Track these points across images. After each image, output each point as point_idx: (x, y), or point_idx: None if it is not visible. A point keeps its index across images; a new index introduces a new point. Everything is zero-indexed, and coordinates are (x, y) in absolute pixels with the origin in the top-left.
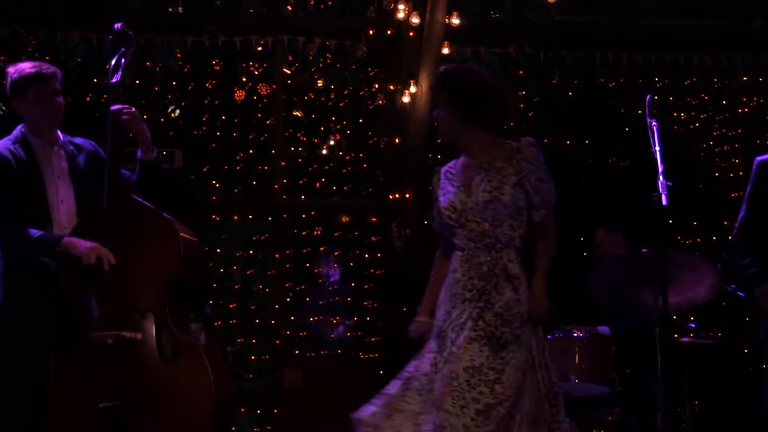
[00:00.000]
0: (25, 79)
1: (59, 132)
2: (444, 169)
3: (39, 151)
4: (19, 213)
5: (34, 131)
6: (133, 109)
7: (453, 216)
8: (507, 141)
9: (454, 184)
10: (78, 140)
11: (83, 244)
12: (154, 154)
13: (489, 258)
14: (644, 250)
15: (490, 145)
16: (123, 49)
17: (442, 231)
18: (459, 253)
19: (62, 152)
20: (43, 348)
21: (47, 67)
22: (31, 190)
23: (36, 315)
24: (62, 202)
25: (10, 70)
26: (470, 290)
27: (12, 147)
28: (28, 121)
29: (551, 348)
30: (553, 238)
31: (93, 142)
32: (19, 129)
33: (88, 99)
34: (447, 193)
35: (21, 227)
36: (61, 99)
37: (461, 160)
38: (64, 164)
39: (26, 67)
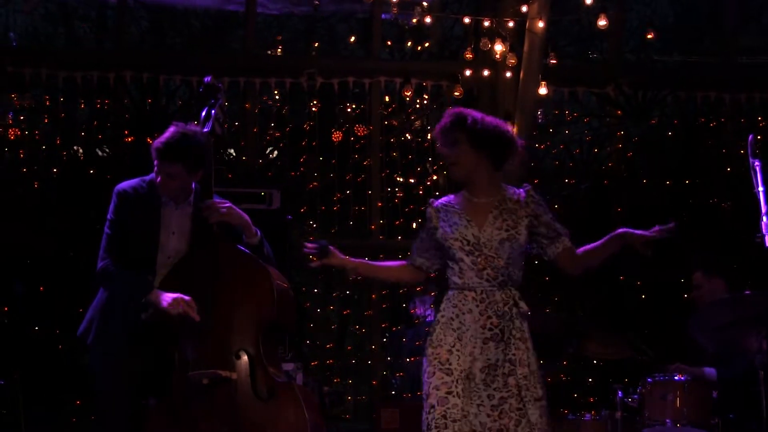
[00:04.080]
0: (153, 147)
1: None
2: (439, 203)
3: (165, 203)
4: (119, 249)
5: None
6: (225, 207)
7: (465, 248)
8: (506, 185)
9: (462, 217)
10: (215, 200)
11: (165, 299)
12: (258, 234)
13: (504, 296)
14: (747, 292)
15: (497, 185)
16: (212, 101)
17: (427, 258)
18: (469, 293)
19: (189, 210)
20: (136, 386)
21: (175, 151)
22: (142, 234)
23: (127, 352)
24: (169, 257)
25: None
26: (490, 329)
27: (141, 186)
28: None
29: (651, 392)
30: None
31: (227, 202)
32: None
33: None
34: (453, 225)
35: (114, 264)
36: (173, 181)
37: (460, 196)
38: (189, 224)
39: (167, 134)
